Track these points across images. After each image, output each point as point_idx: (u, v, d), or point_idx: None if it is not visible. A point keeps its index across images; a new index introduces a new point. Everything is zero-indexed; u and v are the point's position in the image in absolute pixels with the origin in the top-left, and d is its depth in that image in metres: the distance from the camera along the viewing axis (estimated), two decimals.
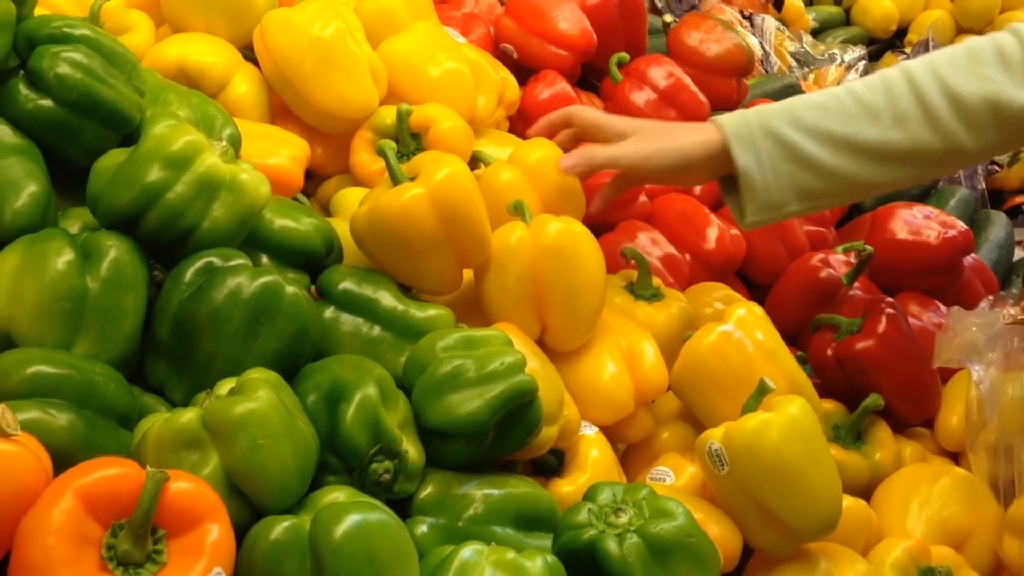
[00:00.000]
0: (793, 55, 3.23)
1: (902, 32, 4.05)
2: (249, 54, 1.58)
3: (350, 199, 1.48)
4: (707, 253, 1.83)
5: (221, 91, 1.53)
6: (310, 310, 1.17)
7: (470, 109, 1.62)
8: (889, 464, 1.60)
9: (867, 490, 1.56)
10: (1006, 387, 1.49)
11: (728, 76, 2.12)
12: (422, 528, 1.14)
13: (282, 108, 1.59)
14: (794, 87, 2.54)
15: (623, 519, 1.12)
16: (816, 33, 3.74)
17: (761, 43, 2.97)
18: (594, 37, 1.97)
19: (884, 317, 1.64)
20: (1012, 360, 1.51)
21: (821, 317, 1.71)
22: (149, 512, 0.90)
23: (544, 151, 1.48)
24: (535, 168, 1.46)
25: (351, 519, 0.98)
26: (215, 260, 1.15)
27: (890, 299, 1.71)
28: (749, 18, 3.05)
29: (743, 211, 1.45)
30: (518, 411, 1.19)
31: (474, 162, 1.54)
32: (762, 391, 1.30)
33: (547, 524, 1.20)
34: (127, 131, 1.26)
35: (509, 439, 1.21)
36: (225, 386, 1.07)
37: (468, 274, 1.40)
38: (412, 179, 1.30)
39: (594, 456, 1.34)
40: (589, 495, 1.16)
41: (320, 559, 0.97)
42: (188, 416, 1.02)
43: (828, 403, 1.62)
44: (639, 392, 1.43)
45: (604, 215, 1.60)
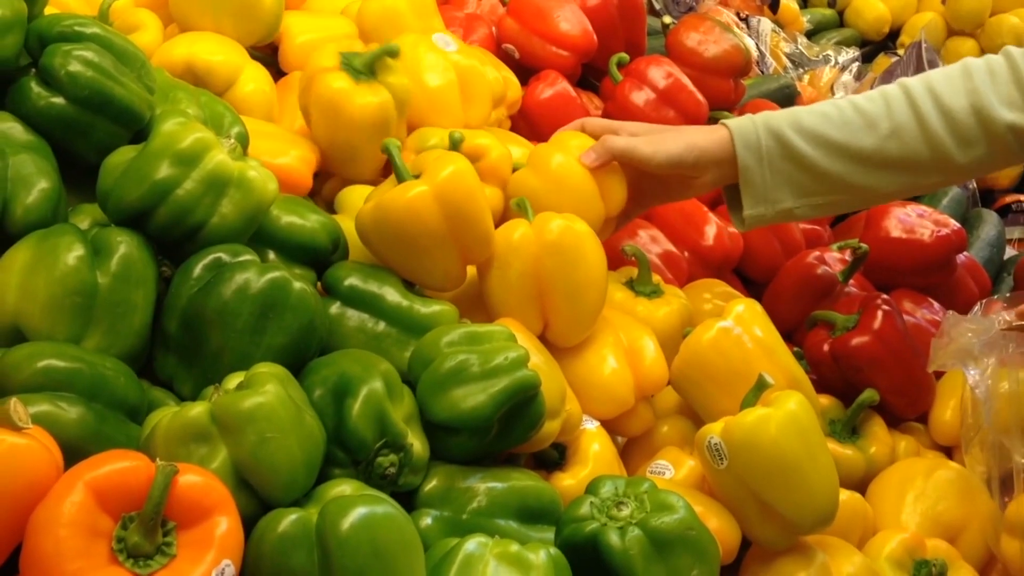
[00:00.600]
0: (788, 56, 3.24)
1: (895, 34, 4.06)
2: (256, 53, 1.59)
3: (355, 196, 1.47)
4: (705, 250, 1.85)
5: (228, 89, 1.54)
6: (317, 305, 1.17)
7: (457, 124, 1.60)
8: (884, 458, 1.61)
9: (862, 484, 1.57)
10: (1000, 382, 1.50)
11: (726, 76, 2.13)
12: (427, 521, 1.15)
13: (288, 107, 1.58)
14: (789, 88, 2.57)
15: (625, 512, 1.13)
16: (810, 35, 3.75)
17: (757, 44, 2.97)
18: (595, 38, 1.97)
19: (879, 314, 1.65)
20: (1007, 365, 1.52)
21: (817, 314, 1.73)
22: (159, 505, 0.91)
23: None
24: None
25: (357, 512, 0.98)
26: (223, 256, 1.15)
27: (885, 296, 1.72)
28: (745, 20, 3.05)
29: (741, 204, 1.51)
30: (521, 405, 1.19)
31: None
32: (760, 386, 1.31)
33: (550, 517, 1.20)
34: (137, 128, 1.26)
35: (512, 433, 1.21)
36: (233, 380, 1.08)
37: (472, 270, 1.41)
38: (416, 177, 1.30)
39: (595, 450, 1.34)
40: (591, 488, 1.17)
41: (327, 551, 0.97)
42: (197, 410, 1.03)
43: (824, 398, 1.63)
44: (639, 387, 1.44)
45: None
